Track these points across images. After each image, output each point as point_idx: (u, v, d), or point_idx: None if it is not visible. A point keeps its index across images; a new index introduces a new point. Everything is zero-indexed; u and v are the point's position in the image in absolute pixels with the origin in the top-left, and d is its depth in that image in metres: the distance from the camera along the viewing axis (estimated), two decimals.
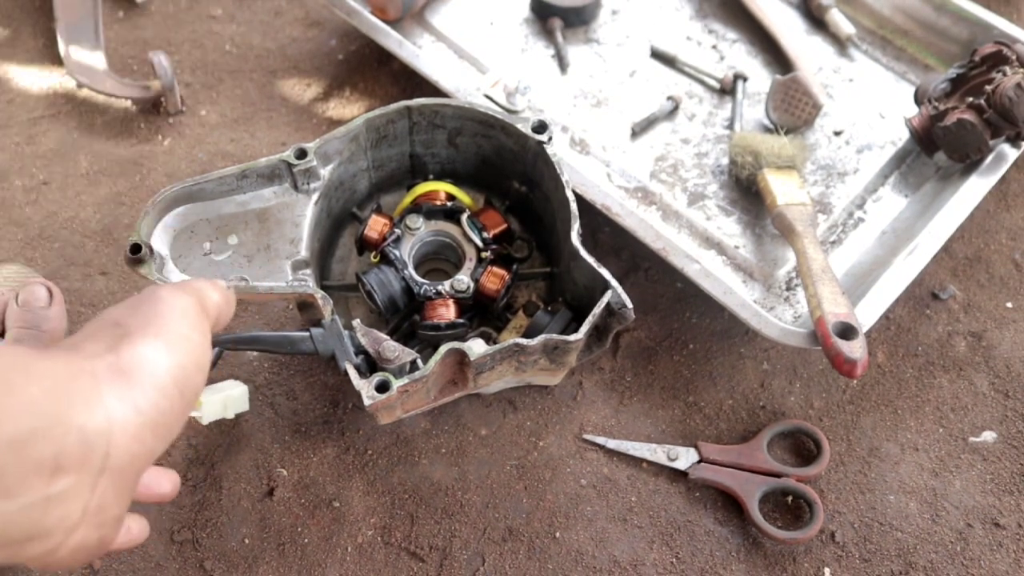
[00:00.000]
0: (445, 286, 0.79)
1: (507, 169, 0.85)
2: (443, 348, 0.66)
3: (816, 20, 1.14)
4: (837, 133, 1.05)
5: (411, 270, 0.79)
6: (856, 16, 1.14)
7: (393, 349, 0.67)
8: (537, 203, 0.86)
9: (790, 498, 0.85)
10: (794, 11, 1.15)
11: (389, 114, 0.78)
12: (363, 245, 0.83)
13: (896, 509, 0.84)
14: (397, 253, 0.80)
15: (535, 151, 0.81)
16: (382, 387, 0.65)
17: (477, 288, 0.80)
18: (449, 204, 0.82)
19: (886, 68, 1.11)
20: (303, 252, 0.74)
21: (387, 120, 0.79)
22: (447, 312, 0.79)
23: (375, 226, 0.82)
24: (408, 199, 0.85)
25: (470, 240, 0.81)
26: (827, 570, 0.82)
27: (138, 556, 0.80)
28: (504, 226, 0.84)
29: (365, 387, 0.65)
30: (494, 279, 0.80)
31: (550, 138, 0.77)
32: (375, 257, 0.82)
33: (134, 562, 0.80)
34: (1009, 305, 0.97)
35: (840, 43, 1.12)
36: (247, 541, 0.81)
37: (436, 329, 0.77)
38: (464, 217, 0.81)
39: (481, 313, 0.84)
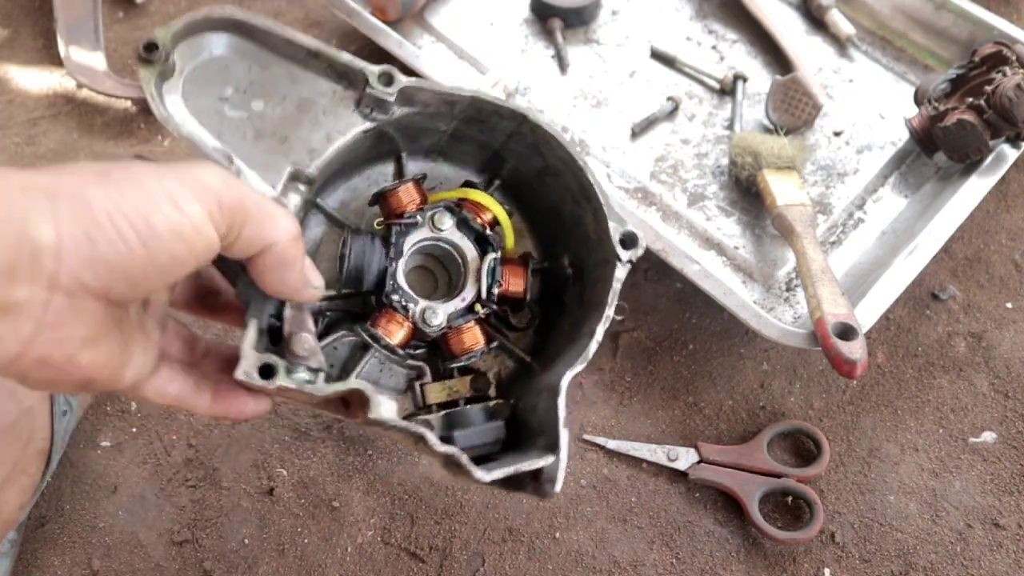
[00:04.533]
0: (416, 308, 0.67)
1: (568, 241, 0.72)
2: (352, 384, 0.55)
3: (816, 20, 1.14)
4: (837, 133, 1.05)
5: (401, 267, 0.68)
6: (856, 16, 1.14)
7: (306, 346, 0.57)
8: (569, 292, 0.73)
9: (790, 498, 0.85)
10: (794, 11, 1.15)
11: (502, 110, 0.67)
12: (383, 202, 0.70)
13: (896, 509, 0.84)
14: (402, 240, 0.69)
15: (613, 264, 0.67)
16: (266, 372, 0.54)
17: (444, 337, 0.68)
18: (488, 232, 0.69)
19: (886, 68, 1.11)
20: (313, 169, 0.63)
21: (495, 112, 0.68)
22: (396, 333, 0.66)
23: (407, 196, 0.69)
24: (452, 194, 0.73)
25: (477, 280, 0.69)
26: (827, 570, 0.82)
27: (138, 557, 0.80)
28: (521, 291, 0.70)
29: (251, 357, 0.53)
30: (470, 337, 0.68)
31: (631, 262, 0.66)
32: (379, 224, 0.70)
33: (134, 562, 0.80)
34: (1009, 306, 0.97)
35: (840, 43, 1.12)
36: (247, 541, 0.81)
37: (375, 340, 0.66)
38: (490, 257, 0.69)
39: (434, 350, 0.71)
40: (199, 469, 0.85)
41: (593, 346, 0.62)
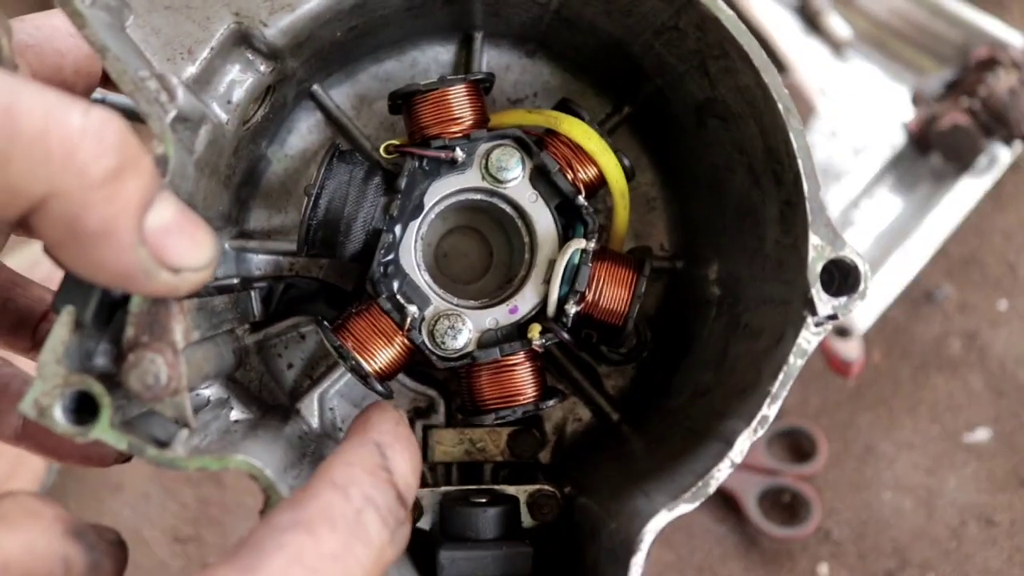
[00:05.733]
0: (423, 313, 0.40)
1: (724, 241, 0.44)
2: (236, 461, 0.32)
3: (813, 22, 1.15)
4: (833, 134, 1.06)
5: (416, 233, 0.41)
6: (852, 18, 1.14)
7: (158, 379, 0.30)
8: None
9: (787, 496, 0.86)
10: (791, 13, 1.16)
11: None
12: (407, 111, 0.41)
13: (891, 507, 0.85)
14: (422, 186, 0.40)
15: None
16: (84, 407, 0.30)
17: (468, 373, 0.41)
18: (582, 201, 0.40)
19: (882, 70, 1.11)
20: (275, 30, 0.36)
21: None
22: (377, 351, 0.40)
23: (450, 107, 0.40)
24: (533, 118, 0.42)
25: (547, 280, 0.40)
26: (824, 567, 0.83)
27: (142, 554, 0.81)
28: (620, 313, 0.40)
29: (52, 376, 0.29)
30: (511, 381, 0.40)
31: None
32: (388, 151, 0.41)
33: (138, 559, 0.81)
34: (1003, 305, 0.98)
35: (836, 45, 1.13)
36: None
37: (340, 356, 0.40)
38: (575, 246, 0.40)
39: (448, 385, 0.45)
40: None
41: (723, 471, 0.34)
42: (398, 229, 0.39)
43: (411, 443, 0.32)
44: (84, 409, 0.30)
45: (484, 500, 0.39)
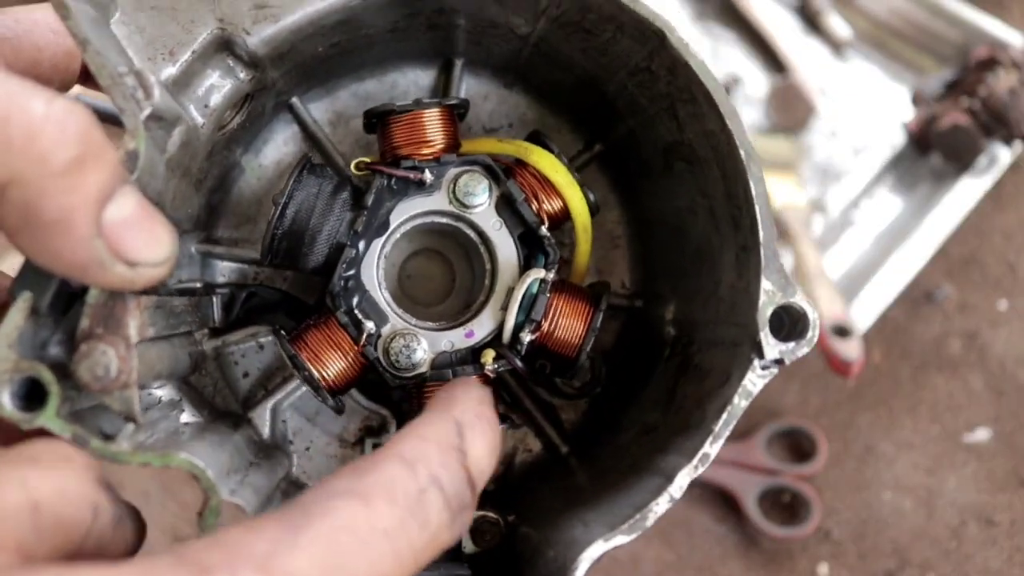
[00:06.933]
0: (380, 330, 0.40)
1: (682, 283, 0.45)
2: (179, 460, 0.32)
3: (813, 22, 1.15)
4: (833, 135, 1.06)
5: (380, 251, 0.41)
6: (852, 18, 1.14)
7: (108, 371, 0.30)
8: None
9: (787, 496, 0.86)
10: (791, 13, 1.16)
11: (626, 13, 0.38)
12: (381, 130, 0.42)
13: (891, 507, 0.85)
14: (388, 205, 0.41)
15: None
16: (31, 394, 0.31)
17: (419, 393, 0.41)
18: (545, 232, 0.41)
19: (882, 70, 1.11)
20: (258, 39, 0.36)
21: (612, 17, 0.39)
22: (329, 362, 0.40)
23: (423, 128, 0.40)
24: (503, 147, 0.43)
25: (504, 306, 0.40)
26: (823, 566, 0.83)
27: (142, 554, 0.81)
28: (574, 345, 0.41)
29: (3, 360, 0.30)
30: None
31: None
32: (360, 167, 0.41)
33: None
34: (1003, 305, 0.98)
35: (836, 45, 1.13)
36: None
37: (295, 364, 0.40)
38: (534, 276, 0.40)
39: (400, 405, 0.45)
40: None
41: (661, 506, 0.35)
42: (361, 245, 0.39)
43: (493, 426, 0.32)
44: (33, 397, 0.30)
45: None
